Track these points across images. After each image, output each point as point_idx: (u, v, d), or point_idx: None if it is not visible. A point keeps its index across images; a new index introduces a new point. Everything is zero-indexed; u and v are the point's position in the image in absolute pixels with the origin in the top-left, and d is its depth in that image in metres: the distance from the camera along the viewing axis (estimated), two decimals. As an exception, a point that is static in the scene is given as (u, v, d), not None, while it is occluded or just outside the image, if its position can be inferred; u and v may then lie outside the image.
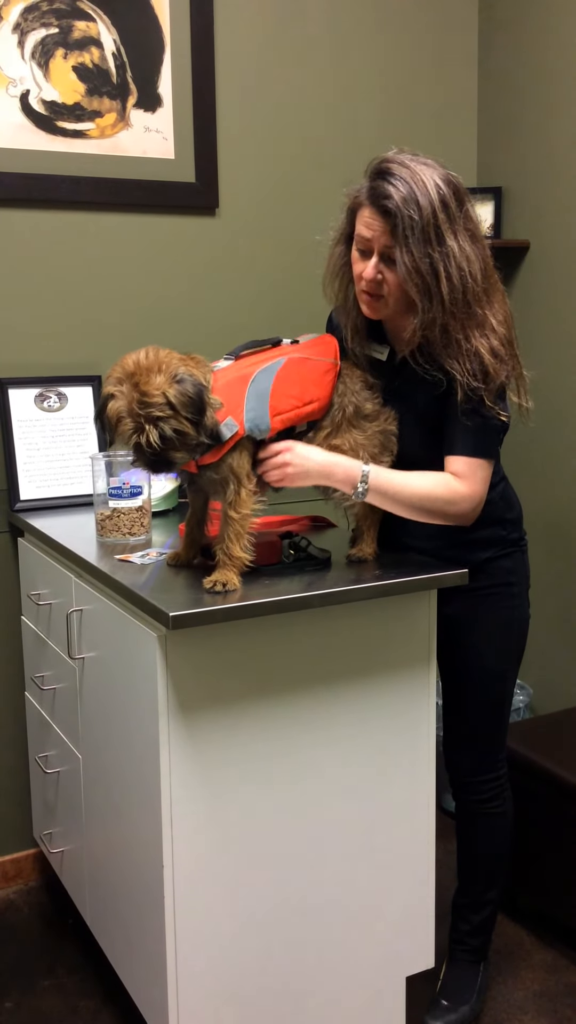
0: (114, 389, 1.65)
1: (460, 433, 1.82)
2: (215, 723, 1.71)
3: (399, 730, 1.89)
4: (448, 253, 1.72)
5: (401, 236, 1.70)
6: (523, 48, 2.92)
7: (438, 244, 1.71)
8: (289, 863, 1.81)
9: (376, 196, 1.73)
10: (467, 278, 1.73)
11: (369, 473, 1.79)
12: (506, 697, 2.06)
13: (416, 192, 1.70)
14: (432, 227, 1.70)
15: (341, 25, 2.82)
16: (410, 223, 1.69)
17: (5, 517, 2.53)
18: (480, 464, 1.82)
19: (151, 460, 1.66)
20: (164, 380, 1.62)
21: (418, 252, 1.70)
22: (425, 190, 1.70)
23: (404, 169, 1.72)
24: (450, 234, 1.72)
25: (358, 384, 1.89)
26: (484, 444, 1.82)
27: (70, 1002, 2.19)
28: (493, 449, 1.85)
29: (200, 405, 1.63)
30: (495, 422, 1.82)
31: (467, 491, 1.81)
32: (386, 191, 1.71)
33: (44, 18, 2.43)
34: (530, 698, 3.01)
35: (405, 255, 1.71)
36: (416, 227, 1.69)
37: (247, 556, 1.74)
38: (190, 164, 2.64)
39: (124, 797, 1.87)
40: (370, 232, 1.75)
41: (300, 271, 2.83)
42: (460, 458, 1.82)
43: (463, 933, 2.15)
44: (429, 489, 1.81)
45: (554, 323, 2.88)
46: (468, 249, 1.74)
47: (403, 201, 1.69)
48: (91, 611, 1.98)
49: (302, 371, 1.82)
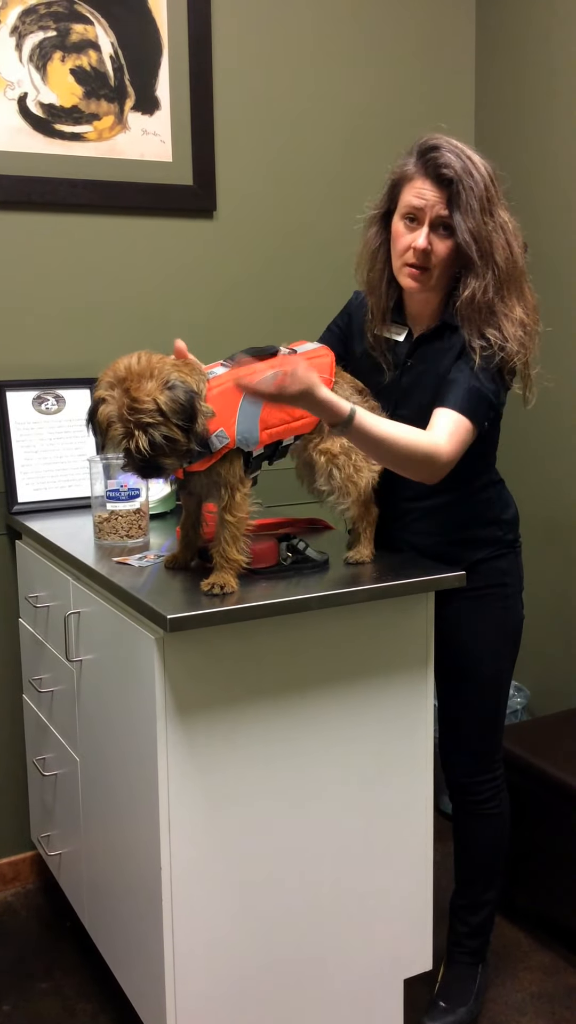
0: (105, 393, 1.64)
1: (457, 391, 1.81)
2: (213, 725, 1.71)
3: (397, 732, 1.89)
4: (500, 224, 1.80)
5: (464, 203, 1.77)
6: (521, 49, 2.92)
7: (490, 215, 1.79)
8: (287, 865, 1.81)
9: (434, 166, 1.79)
10: (514, 249, 1.82)
11: (356, 410, 1.70)
12: (501, 698, 2.06)
13: (470, 165, 1.78)
14: (486, 198, 1.79)
15: (338, 27, 2.83)
16: (470, 190, 1.77)
17: (3, 519, 2.53)
18: (465, 426, 1.80)
19: (141, 466, 1.66)
20: (155, 386, 1.61)
21: (478, 219, 1.78)
22: (475, 165, 1.79)
23: (451, 145, 1.81)
24: (500, 208, 1.81)
25: (348, 390, 1.89)
26: (474, 408, 1.81)
27: (68, 1005, 2.19)
28: (481, 419, 1.83)
29: (191, 412, 1.63)
30: (491, 396, 1.82)
31: (447, 448, 1.77)
32: (445, 160, 1.78)
33: (42, 21, 2.44)
34: (528, 700, 3.01)
35: (468, 220, 1.78)
36: (474, 195, 1.77)
37: (244, 558, 1.74)
38: (188, 167, 2.65)
39: (122, 800, 1.87)
40: (422, 201, 1.80)
41: (297, 273, 2.84)
42: (449, 411, 1.80)
43: (461, 935, 2.15)
44: (411, 440, 1.74)
45: (553, 325, 2.88)
46: (512, 226, 1.83)
47: (463, 170, 1.78)
48: (89, 614, 1.98)
49: None
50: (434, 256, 1.82)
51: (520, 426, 2.92)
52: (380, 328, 1.96)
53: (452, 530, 1.95)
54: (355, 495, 1.87)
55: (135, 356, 1.65)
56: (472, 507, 1.97)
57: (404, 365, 1.94)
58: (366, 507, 1.90)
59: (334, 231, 2.83)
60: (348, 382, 1.92)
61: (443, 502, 1.95)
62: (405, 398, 1.93)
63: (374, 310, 1.96)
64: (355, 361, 2.02)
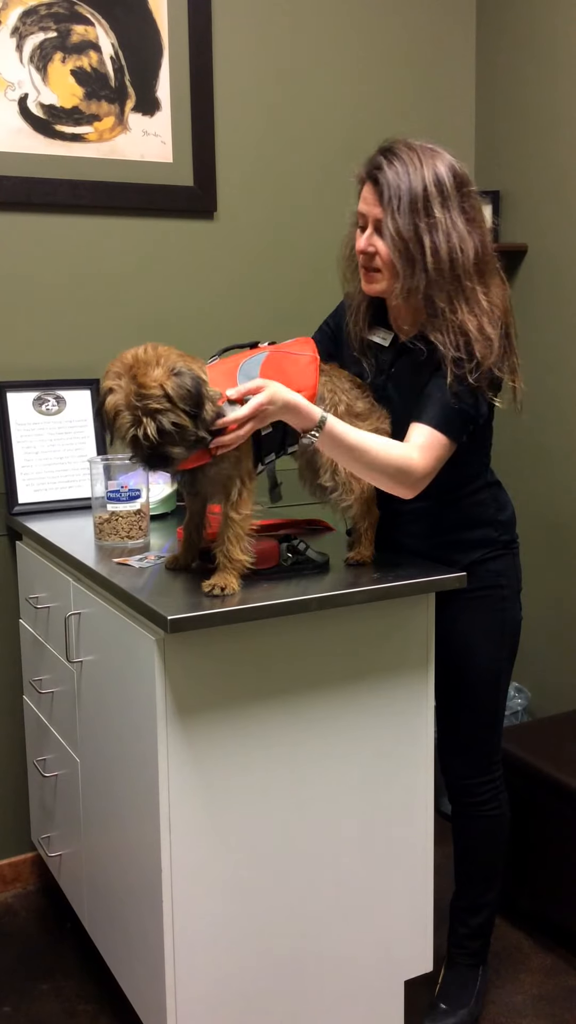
0: (112, 383, 1.65)
1: (433, 405, 1.80)
2: (213, 727, 1.71)
3: (397, 733, 1.89)
4: (435, 224, 1.76)
5: (387, 203, 1.76)
6: (521, 51, 2.92)
7: (425, 215, 1.76)
8: (287, 867, 1.81)
9: (370, 168, 1.80)
10: (456, 251, 1.77)
11: (326, 419, 1.72)
12: (500, 699, 2.06)
13: (409, 168, 1.76)
14: (421, 199, 1.75)
15: (338, 29, 2.83)
16: (397, 191, 1.75)
17: (3, 520, 2.53)
18: (441, 441, 1.79)
19: (148, 455, 1.65)
20: (162, 373, 1.62)
21: (403, 220, 1.75)
22: (419, 167, 1.76)
23: (406, 149, 1.79)
24: (441, 208, 1.76)
25: (347, 384, 1.90)
26: (451, 424, 1.80)
27: (68, 1007, 2.18)
28: (458, 433, 1.81)
29: (198, 398, 1.63)
30: (470, 410, 1.81)
31: (421, 464, 1.77)
32: (378, 163, 1.78)
33: (42, 22, 2.44)
34: (528, 701, 3.01)
35: (389, 220, 1.76)
36: (403, 197, 1.75)
37: (247, 559, 1.74)
38: (188, 168, 2.65)
39: (122, 801, 1.87)
40: (364, 205, 1.81)
41: (297, 274, 2.84)
42: (424, 427, 1.79)
43: (461, 936, 2.15)
44: (385, 451, 1.75)
45: (552, 327, 2.88)
46: (461, 226, 1.78)
47: (394, 173, 1.76)
48: (89, 615, 1.98)
49: (285, 363, 1.82)
50: (379, 257, 1.81)
51: (519, 427, 2.92)
52: (364, 330, 1.96)
53: (446, 532, 1.95)
54: (358, 491, 1.87)
55: (142, 347, 1.66)
56: (467, 509, 1.97)
57: (388, 372, 1.93)
58: (368, 506, 1.90)
59: (334, 232, 2.80)
60: (346, 377, 1.92)
61: (438, 504, 1.95)
62: (390, 406, 1.93)
63: (354, 310, 1.97)
64: (343, 363, 2.02)
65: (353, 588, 1.77)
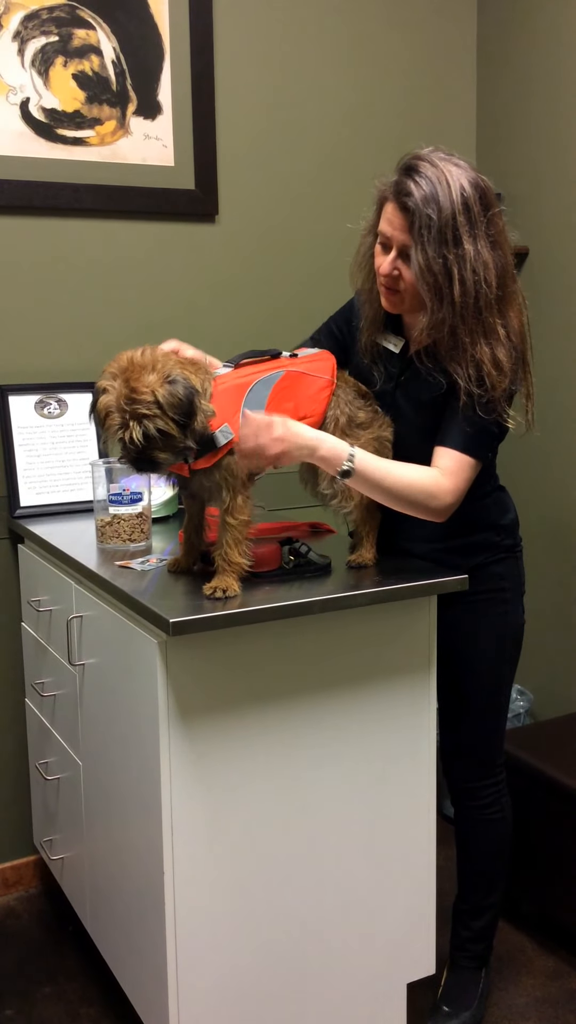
0: (106, 383, 1.65)
1: (455, 427, 1.81)
2: (215, 729, 1.71)
3: (400, 736, 1.89)
4: (463, 256, 1.71)
5: (417, 234, 1.71)
6: (523, 53, 2.93)
7: (454, 246, 1.71)
8: (289, 870, 1.81)
9: (398, 192, 1.73)
10: (481, 284, 1.73)
11: (355, 455, 1.75)
12: (502, 703, 2.06)
13: (438, 192, 1.70)
14: (450, 228, 1.70)
15: (340, 32, 2.83)
16: (427, 222, 1.70)
17: (5, 524, 2.53)
18: (467, 462, 1.81)
19: (134, 457, 1.66)
20: (156, 379, 1.62)
21: (432, 252, 1.71)
22: (448, 191, 1.70)
23: (431, 168, 1.72)
24: (468, 238, 1.72)
25: (351, 394, 1.89)
26: (475, 444, 1.81)
27: (71, 1009, 2.18)
28: (483, 452, 1.84)
29: (189, 408, 1.63)
30: (492, 427, 1.82)
31: (450, 487, 1.79)
32: (407, 188, 1.71)
33: (44, 26, 2.44)
34: (531, 704, 3.01)
35: (419, 254, 1.71)
36: (433, 227, 1.70)
37: (246, 562, 1.74)
38: (190, 171, 2.65)
39: (124, 803, 1.87)
40: (390, 228, 1.76)
41: (299, 277, 2.84)
42: (449, 451, 1.80)
43: (464, 939, 2.15)
44: (412, 479, 1.78)
45: (554, 330, 2.88)
46: (486, 255, 1.74)
47: (423, 200, 1.69)
48: (91, 617, 1.98)
49: (299, 385, 1.82)
50: (403, 282, 1.79)
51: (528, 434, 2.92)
52: (375, 335, 1.96)
53: (449, 535, 1.95)
54: (358, 498, 1.87)
55: (140, 349, 1.67)
56: (469, 513, 1.96)
57: (398, 380, 1.93)
58: (369, 511, 1.90)
59: (335, 236, 2.83)
60: (351, 386, 1.92)
61: None
62: (400, 415, 1.93)
63: (365, 316, 1.96)
64: (351, 367, 2.02)
65: (355, 591, 1.77)
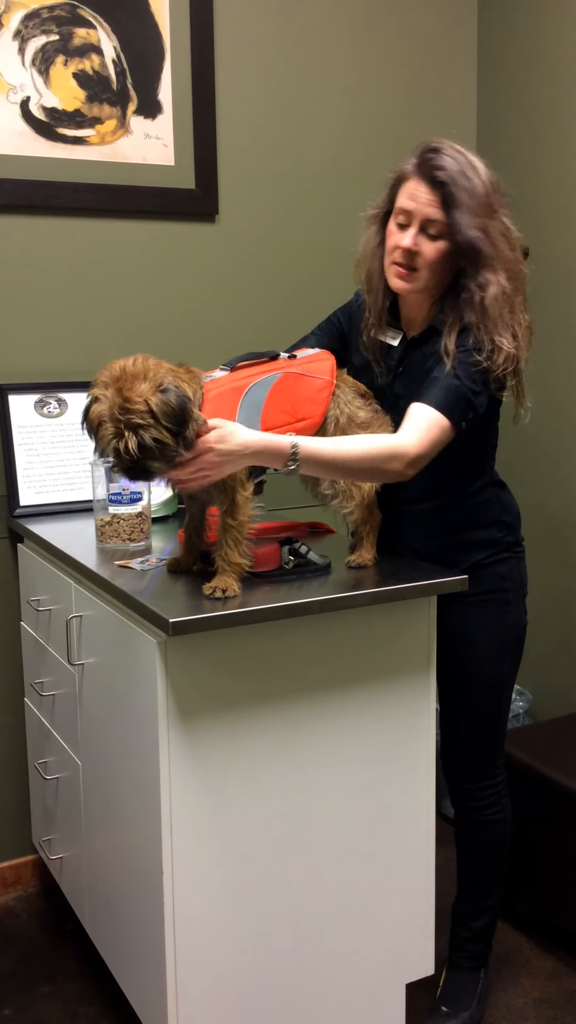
0: (98, 393, 1.65)
1: (433, 385, 1.79)
2: (215, 729, 1.71)
3: (399, 736, 1.89)
4: (503, 231, 1.78)
5: (462, 202, 1.74)
6: (524, 51, 2.93)
7: (492, 218, 1.77)
8: (288, 869, 1.81)
9: (428, 167, 1.76)
10: (519, 257, 1.79)
11: (298, 443, 1.69)
12: (503, 703, 2.06)
13: (468, 169, 1.76)
14: (487, 200, 1.76)
15: (340, 31, 2.83)
16: (468, 189, 1.74)
17: (5, 523, 2.53)
18: (437, 421, 1.76)
19: (128, 467, 1.66)
20: (148, 388, 1.62)
21: (476, 219, 1.75)
22: (475, 170, 1.77)
23: (454, 150, 1.78)
24: (502, 212, 1.78)
25: (350, 394, 1.89)
26: (450, 404, 1.77)
27: (69, 1009, 2.18)
28: (456, 415, 1.78)
29: (182, 417, 1.63)
30: (470, 394, 1.79)
31: (413, 442, 1.74)
32: (439, 163, 1.76)
33: (44, 25, 2.44)
34: (530, 704, 3.01)
35: (470, 217, 1.74)
36: (474, 196, 1.74)
37: (246, 562, 1.74)
38: (190, 171, 2.65)
39: (123, 803, 1.87)
40: (414, 203, 1.78)
41: (299, 277, 2.84)
42: (422, 406, 1.77)
43: (463, 939, 2.15)
44: (366, 449, 1.72)
45: (554, 329, 2.88)
46: (513, 234, 1.80)
47: (458, 172, 1.75)
48: (91, 617, 1.98)
49: (297, 387, 1.82)
50: (420, 258, 1.80)
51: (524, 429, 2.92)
52: (376, 331, 1.96)
53: (450, 533, 1.95)
54: (359, 499, 1.87)
55: (132, 358, 1.66)
56: (470, 509, 1.96)
57: (396, 370, 1.94)
58: (369, 511, 1.90)
59: (336, 235, 2.83)
60: (351, 386, 1.92)
61: (441, 505, 1.95)
62: (397, 404, 1.93)
63: (370, 309, 1.96)
64: (351, 364, 2.02)
65: (355, 591, 1.76)
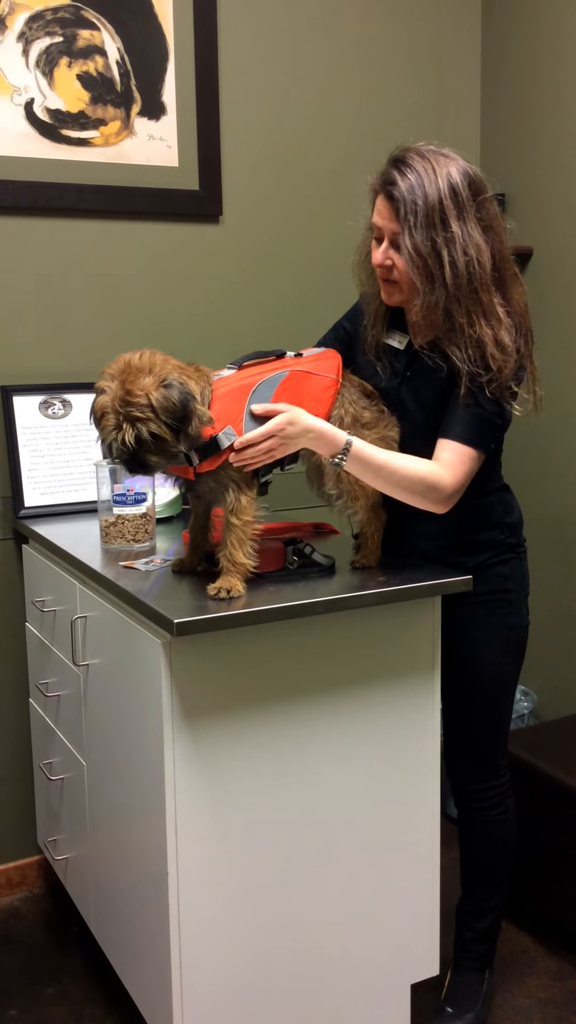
0: (104, 384, 1.67)
1: (456, 419, 1.82)
2: (219, 730, 1.71)
3: (403, 736, 1.89)
4: (452, 238, 1.74)
5: (403, 219, 1.74)
6: (527, 53, 2.93)
7: (442, 229, 1.74)
8: (293, 870, 1.81)
9: (384, 183, 1.78)
10: (473, 264, 1.75)
11: (352, 443, 1.77)
12: (506, 704, 2.05)
13: (424, 180, 1.74)
14: (437, 212, 1.73)
15: (343, 32, 2.83)
16: (412, 207, 1.73)
17: (10, 524, 2.53)
18: (468, 454, 1.81)
19: (126, 459, 1.67)
20: (151, 382, 1.63)
21: (420, 236, 1.74)
22: (434, 178, 1.74)
23: (418, 158, 1.77)
24: (456, 220, 1.74)
25: (356, 393, 1.89)
26: (476, 435, 1.81)
27: (75, 1010, 2.19)
28: (485, 443, 1.84)
29: (184, 414, 1.64)
30: (494, 417, 1.82)
31: (450, 479, 1.80)
32: (392, 178, 1.76)
33: (48, 27, 2.44)
34: (534, 704, 3.00)
35: (407, 238, 1.75)
36: (419, 211, 1.73)
37: (250, 562, 1.75)
38: (194, 172, 2.65)
39: (128, 804, 1.87)
40: (380, 219, 1.80)
41: (303, 278, 2.84)
42: (450, 443, 1.81)
43: (468, 940, 2.14)
44: (412, 470, 1.79)
45: (558, 329, 2.88)
46: (477, 237, 1.76)
47: (408, 188, 1.74)
48: (95, 618, 1.99)
49: (304, 385, 1.82)
50: (396, 271, 1.81)
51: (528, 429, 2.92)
52: (380, 333, 1.96)
53: (453, 534, 1.95)
54: (364, 499, 1.87)
55: (140, 352, 1.68)
56: (474, 511, 1.96)
57: (403, 376, 1.94)
58: (375, 512, 1.90)
59: (340, 236, 2.81)
60: (356, 385, 1.92)
61: None
62: (404, 412, 1.93)
63: (368, 313, 1.97)
64: (357, 366, 2.02)
65: (359, 591, 1.77)
